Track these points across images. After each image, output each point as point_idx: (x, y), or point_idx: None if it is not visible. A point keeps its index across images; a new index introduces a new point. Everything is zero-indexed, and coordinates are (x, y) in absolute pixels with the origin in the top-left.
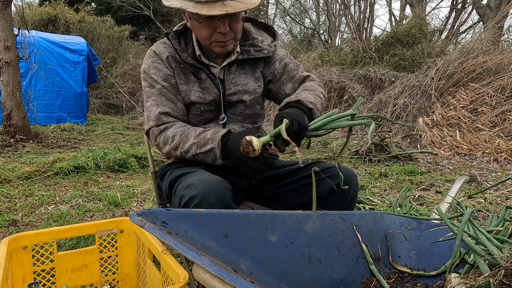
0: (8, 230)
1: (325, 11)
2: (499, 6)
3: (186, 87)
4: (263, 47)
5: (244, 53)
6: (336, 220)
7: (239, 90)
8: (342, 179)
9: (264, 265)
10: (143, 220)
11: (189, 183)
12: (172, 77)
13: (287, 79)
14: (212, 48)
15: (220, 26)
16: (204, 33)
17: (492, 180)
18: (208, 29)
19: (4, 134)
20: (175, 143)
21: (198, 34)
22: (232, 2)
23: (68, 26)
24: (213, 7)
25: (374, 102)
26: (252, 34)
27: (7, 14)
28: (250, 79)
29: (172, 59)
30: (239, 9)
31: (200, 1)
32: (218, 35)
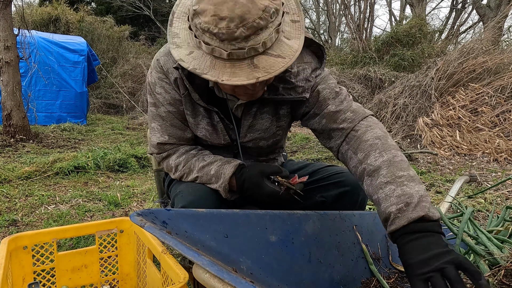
0: (8, 230)
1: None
2: (499, 6)
3: (193, 120)
4: (296, 84)
5: (271, 91)
6: (336, 220)
7: (255, 137)
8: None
9: (264, 265)
10: (143, 220)
11: (180, 190)
12: (180, 103)
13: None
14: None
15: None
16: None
17: (492, 180)
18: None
19: (4, 134)
20: (178, 173)
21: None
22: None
23: (69, 26)
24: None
25: (374, 102)
26: None
27: (7, 14)
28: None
29: (181, 83)
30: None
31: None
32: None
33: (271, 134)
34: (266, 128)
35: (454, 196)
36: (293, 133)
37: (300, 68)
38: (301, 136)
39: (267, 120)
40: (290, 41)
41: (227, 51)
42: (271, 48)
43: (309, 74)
